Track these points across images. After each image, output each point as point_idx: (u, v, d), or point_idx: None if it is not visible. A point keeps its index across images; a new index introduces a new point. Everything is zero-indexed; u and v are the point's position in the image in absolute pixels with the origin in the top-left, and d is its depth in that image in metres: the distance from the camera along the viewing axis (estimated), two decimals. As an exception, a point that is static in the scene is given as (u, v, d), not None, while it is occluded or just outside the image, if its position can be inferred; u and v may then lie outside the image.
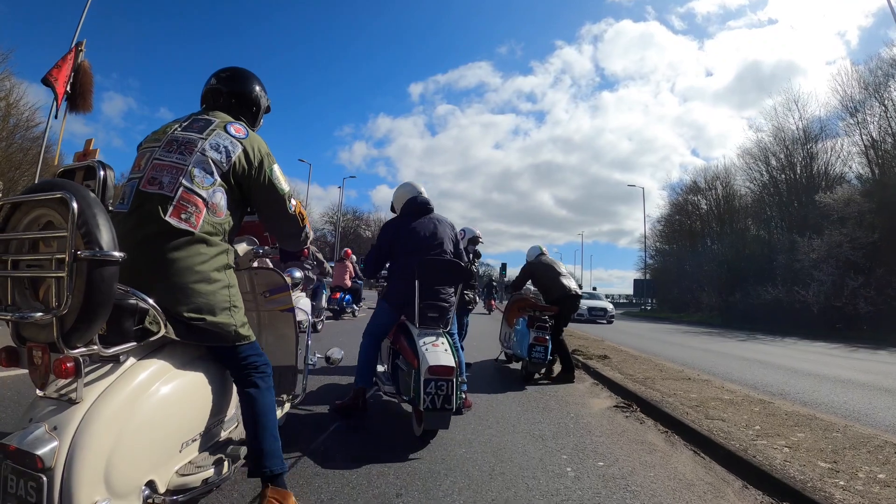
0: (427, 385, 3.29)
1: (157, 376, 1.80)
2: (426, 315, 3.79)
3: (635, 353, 9.80)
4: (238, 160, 2.12)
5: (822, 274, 25.42)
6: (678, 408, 4.83)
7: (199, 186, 2.01)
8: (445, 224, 4.26)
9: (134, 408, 1.66)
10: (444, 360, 3.38)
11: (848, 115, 31.11)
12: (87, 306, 1.47)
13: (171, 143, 2.06)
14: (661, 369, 7.47)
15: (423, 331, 3.70)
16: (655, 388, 5.76)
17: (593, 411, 4.91)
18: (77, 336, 1.50)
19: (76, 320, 1.47)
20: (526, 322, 6.25)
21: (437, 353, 3.46)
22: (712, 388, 6.09)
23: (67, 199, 1.43)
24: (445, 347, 3.57)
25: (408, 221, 4.14)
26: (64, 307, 1.43)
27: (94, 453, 1.49)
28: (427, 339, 3.60)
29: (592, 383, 6.46)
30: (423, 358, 3.41)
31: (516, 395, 5.45)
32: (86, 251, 1.45)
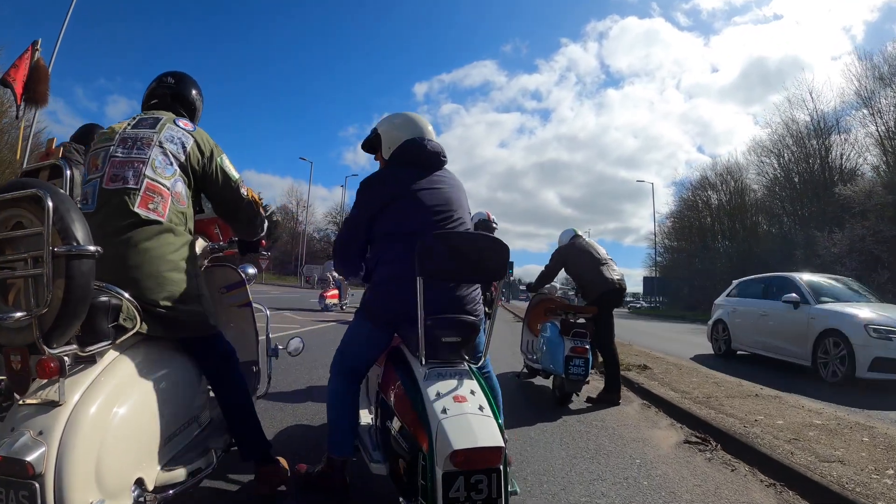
0: (450, 484, 1.72)
1: (135, 373, 1.79)
2: (439, 340, 2.10)
3: (674, 360, 8.50)
4: (192, 150, 2.18)
5: (845, 269, 24.29)
6: (774, 444, 3.61)
7: (162, 176, 2.06)
8: (461, 189, 2.54)
9: (117, 406, 1.64)
10: (483, 436, 1.75)
11: (862, 106, 30.53)
12: (67, 303, 1.45)
13: (126, 141, 2.09)
14: (717, 383, 6.19)
15: (432, 369, 2.04)
16: (726, 412, 4.51)
17: (662, 452, 3.63)
18: (58, 335, 1.48)
19: (56, 318, 1.45)
20: (557, 328, 4.93)
21: (466, 419, 1.81)
22: (792, 409, 4.86)
23: (42, 196, 1.41)
24: (480, 402, 1.90)
25: (405, 178, 2.39)
26: (44, 305, 1.41)
27: (84, 455, 1.46)
28: (442, 388, 1.94)
29: (643, 405, 5.18)
30: (438, 432, 1.78)
31: (552, 427, 4.14)
32: (62, 247, 1.43)
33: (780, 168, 35.74)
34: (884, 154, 28.88)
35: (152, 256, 1.95)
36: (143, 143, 2.08)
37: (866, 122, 30.35)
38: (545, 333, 5.17)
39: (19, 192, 1.47)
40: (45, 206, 1.39)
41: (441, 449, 1.73)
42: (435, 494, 1.72)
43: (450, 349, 2.12)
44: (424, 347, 2.04)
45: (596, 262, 5.31)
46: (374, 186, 2.41)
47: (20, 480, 1.36)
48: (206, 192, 2.35)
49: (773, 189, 36.62)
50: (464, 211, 2.47)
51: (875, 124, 29.58)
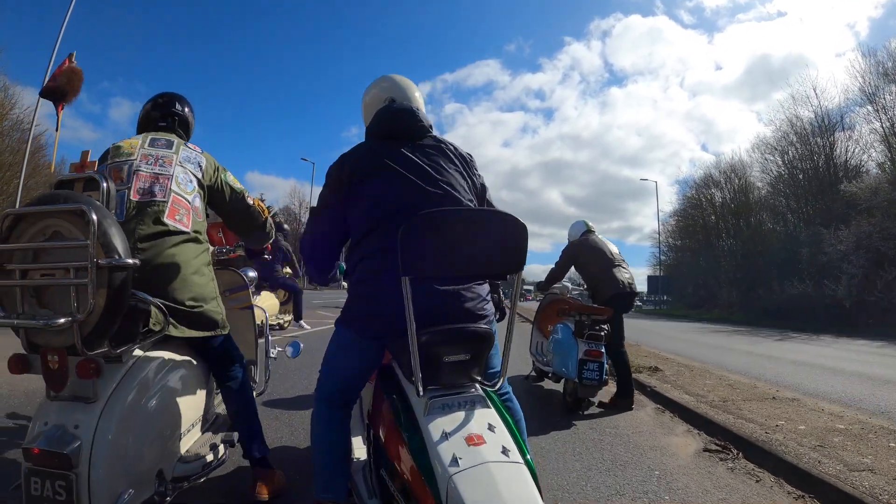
0: None
1: (156, 372, 1.92)
2: (440, 359, 1.56)
3: (685, 361, 8.29)
4: (206, 169, 2.42)
5: (852, 267, 24.07)
6: (799, 451, 3.44)
7: (185, 192, 2.26)
8: (457, 159, 1.99)
9: (142, 402, 1.78)
10: (513, 497, 1.23)
11: (866, 102, 30.26)
12: (108, 311, 1.57)
13: (148, 158, 2.24)
14: (731, 385, 5.98)
15: (434, 399, 1.50)
16: (745, 417, 4.33)
17: (682, 462, 3.44)
18: (97, 338, 1.59)
19: (97, 324, 1.56)
20: (570, 330, 4.70)
21: (487, 471, 1.28)
22: (812, 413, 4.68)
23: (87, 212, 1.50)
24: (503, 442, 1.38)
25: (379, 151, 1.91)
26: (86, 313, 1.50)
27: (114, 447, 1.59)
28: (448, 426, 1.42)
29: (657, 409, 4.98)
30: (449, 494, 1.26)
31: (565, 435, 3.94)
32: (105, 259, 1.54)
33: (784, 165, 35.45)
34: (889, 150, 28.59)
35: (179, 262, 2.15)
36: (165, 161, 2.27)
37: (871, 118, 30.07)
38: (557, 335, 4.95)
39: (65, 206, 1.58)
40: (90, 221, 1.51)
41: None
42: None
43: (455, 370, 1.59)
44: (422, 370, 1.50)
45: (609, 262, 5.09)
46: (343, 165, 1.93)
47: (57, 472, 1.50)
48: (215, 206, 2.53)
49: (777, 187, 36.30)
50: (459, 185, 1.91)
51: (880, 121, 29.31)
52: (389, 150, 1.89)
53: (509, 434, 1.43)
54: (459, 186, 1.91)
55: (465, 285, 1.75)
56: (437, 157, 1.91)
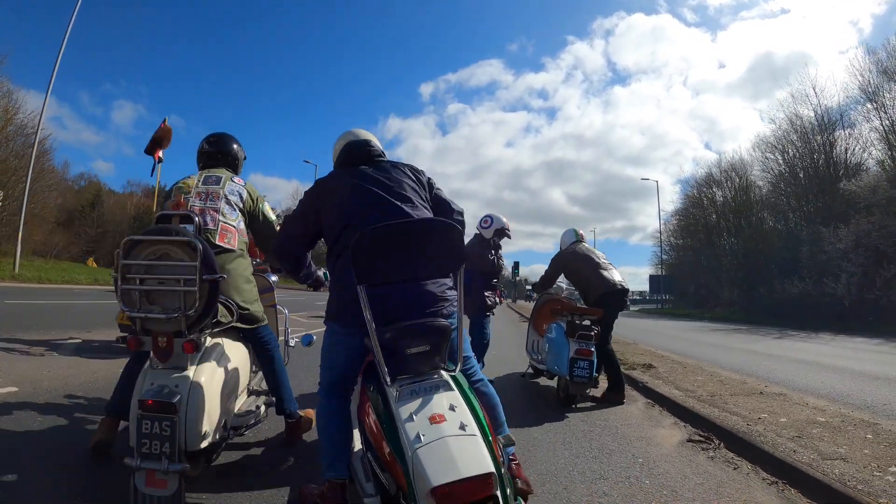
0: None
1: (223, 352, 2.66)
2: (404, 351, 1.82)
3: (680, 358, 8.50)
4: (246, 199, 3.10)
5: (851, 265, 24.17)
6: (776, 442, 3.63)
7: (230, 219, 2.96)
8: (407, 169, 2.46)
9: (216, 371, 2.50)
10: (467, 464, 1.47)
11: (866, 101, 30.30)
12: (206, 309, 2.26)
13: (200, 194, 2.96)
14: (722, 381, 6.19)
15: (403, 387, 1.75)
16: (730, 410, 4.53)
17: (665, 451, 3.65)
18: (197, 327, 2.28)
19: (198, 317, 2.24)
20: (563, 329, 4.94)
21: (444, 444, 1.52)
22: (796, 407, 4.87)
23: (196, 243, 2.19)
24: (462, 419, 1.62)
25: (340, 174, 2.41)
26: (192, 309, 2.19)
27: (201, 402, 2.28)
28: (415, 408, 1.66)
29: (647, 404, 5.19)
30: (414, 465, 1.50)
31: (556, 427, 4.17)
32: (207, 275, 2.20)
33: (784, 164, 35.49)
34: (889, 149, 28.66)
35: (234, 274, 2.86)
36: (213, 196, 2.97)
37: (871, 116, 30.16)
38: (550, 335, 5.20)
39: (178, 238, 2.23)
40: (198, 249, 2.17)
41: (420, 486, 1.46)
42: None
43: (420, 360, 1.82)
44: (389, 362, 1.79)
45: (595, 265, 5.34)
46: (316, 186, 2.43)
47: (164, 416, 2.10)
48: (249, 227, 3.14)
49: (778, 185, 36.35)
50: (413, 192, 2.34)
51: (880, 119, 29.39)
52: (353, 171, 2.37)
53: (469, 412, 1.65)
54: (412, 193, 2.34)
55: (422, 284, 2.06)
56: (392, 173, 2.36)
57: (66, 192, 47.89)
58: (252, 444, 3.28)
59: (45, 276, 21.09)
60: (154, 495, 2.11)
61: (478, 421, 1.64)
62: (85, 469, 2.73)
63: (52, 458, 2.81)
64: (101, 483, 2.57)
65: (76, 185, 62.25)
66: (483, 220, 5.57)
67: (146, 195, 75.54)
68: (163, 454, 2.09)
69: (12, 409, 3.55)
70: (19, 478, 2.52)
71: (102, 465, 2.72)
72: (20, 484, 2.47)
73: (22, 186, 22.28)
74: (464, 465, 1.45)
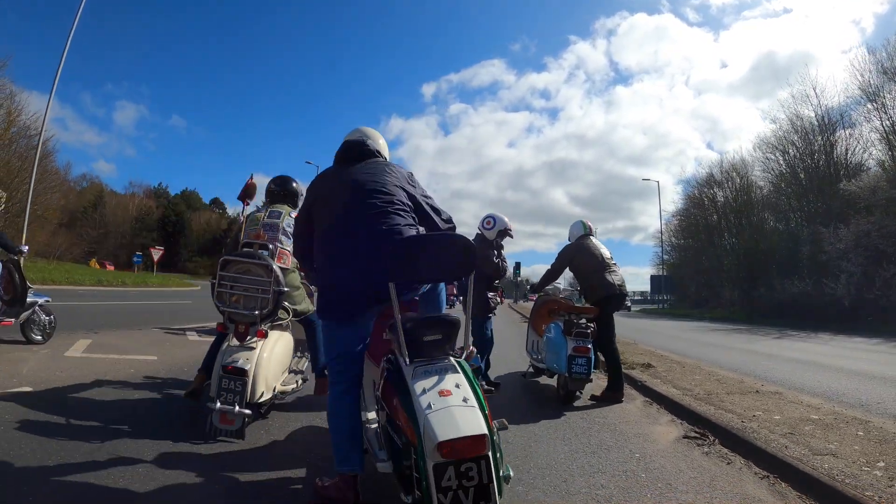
0: (441, 475, 1.82)
1: (278, 337, 3.89)
2: (421, 339, 2.23)
3: (678, 358, 8.63)
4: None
5: (850, 265, 24.22)
6: (769, 438, 3.75)
7: (286, 245, 4.09)
8: (390, 173, 2.63)
9: (274, 351, 3.71)
10: (467, 426, 1.86)
11: (867, 101, 30.28)
12: (274, 309, 3.54)
13: (266, 226, 4.16)
14: (719, 380, 6.31)
15: (418, 367, 2.14)
16: (725, 408, 4.65)
17: (661, 447, 3.77)
18: (268, 320, 3.57)
19: (268, 315, 3.51)
20: (560, 329, 5.07)
21: (450, 412, 1.91)
22: (790, 405, 4.99)
23: (272, 265, 3.52)
24: (465, 394, 2.00)
25: (332, 172, 2.69)
26: (265, 309, 3.47)
27: (263, 370, 3.45)
28: (427, 384, 2.04)
29: (645, 402, 5.32)
30: (424, 427, 1.88)
31: (556, 424, 4.30)
32: (276, 287, 3.49)
33: (785, 164, 35.48)
34: (889, 149, 28.64)
35: (289, 285, 3.87)
36: (275, 228, 4.15)
37: (871, 116, 30.10)
38: (549, 334, 5.34)
39: (259, 262, 3.52)
40: (273, 270, 3.49)
41: (429, 442, 1.83)
42: (429, 486, 1.83)
43: (433, 346, 2.23)
44: (408, 347, 2.19)
45: (601, 265, 5.44)
46: (310, 188, 2.76)
47: (239, 377, 3.23)
48: None
49: (778, 185, 36.34)
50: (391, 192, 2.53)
51: (880, 119, 29.32)
52: (341, 172, 2.63)
53: (471, 390, 2.03)
54: (396, 191, 2.55)
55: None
56: (378, 172, 2.58)
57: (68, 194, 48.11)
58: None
59: (49, 277, 21.21)
60: (225, 429, 3.23)
61: (477, 398, 2.01)
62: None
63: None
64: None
65: (78, 186, 62.65)
66: (485, 220, 5.64)
67: (147, 196, 76.17)
68: (234, 402, 3.16)
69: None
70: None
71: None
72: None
73: (25, 188, 22.41)
74: (464, 427, 1.84)
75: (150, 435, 3.32)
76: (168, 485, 2.59)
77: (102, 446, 3.06)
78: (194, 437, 3.32)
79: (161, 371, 5.39)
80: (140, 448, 3.07)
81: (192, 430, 3.46)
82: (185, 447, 3.18)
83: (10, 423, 3.30)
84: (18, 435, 3.13)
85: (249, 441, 3.37)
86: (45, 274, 21.90)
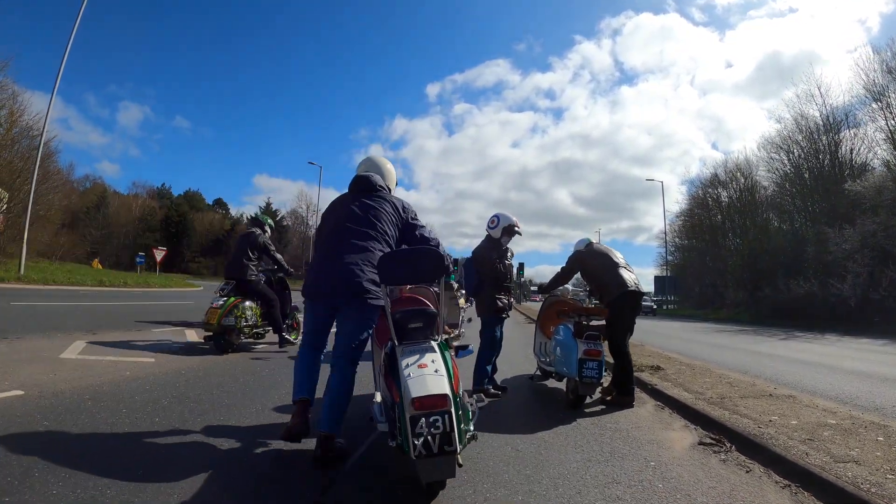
0: (415, 424, 2.40)
1: None
2: (407, 327, 2.93)
3: (687, 360, 8.48)
4: None
5: (856, 265, 24.09)
6: (788, 444, 3.61)
7: None
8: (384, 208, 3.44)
9: None
10: (433, 387, 2.49)
11: (872, 100, 30.18)
12: None
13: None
14: (731, 383, 6.17)
15: (406, 347, 2.82)
16: (740, 413, 4.51)
17: (677, 454, 3.63)
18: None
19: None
20: (570, 331, 4.92)
21: (423, 377, 2.55)
22: (806, 409, 4.86)
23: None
24: (437, 367, 2.63)
25: (340, 198, 3.59)
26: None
27: None
28: (411, 360, 2.68)
29: (656, 406, 5.17)
30: (404, 388, 2.53)
31: (567, 430, 4.14)
32: None
33: (790, 164, 35.42)
34: (894, 149, 28.54)
35: None
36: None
37: (876, 116, 30.13)
38: (558, 336, 5.18)
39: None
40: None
41: (406, 399, 2.46)
42: (406, 432, 2.42)
43: (416, 332, 2.93)
44: (397, 333, 2.90)
45: (614, 264, 5.33)
46: (328, 206, 3.63)
47: None
48: None
49: (783, 185, 36.28)
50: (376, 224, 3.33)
51: (885, 119, 29.31)
52: (347, 200, 3.47)
53: (442, 365, 2.66)
54: (385, 220, 3.38)
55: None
56: (373, 205, 3.40)
57: (70, 194, 48.06)
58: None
59: (50, 277, 21.13)
60: None
61: (447, 370, 2.64)
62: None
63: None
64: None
65: (81, 186, 62.81)
66: (490, 220, 5.51)
67: (150, 197, 76.21)
68: None
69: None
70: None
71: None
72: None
73: (28, 188, 22.38)
74: (431, 388, 2.48)
75: (143, 440, 3.21)
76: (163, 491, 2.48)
77: (90, 451, 2.94)
78: (188, 444, 3.20)
79: (158, 373, 5.23)
80: (132, 454, 2.95)
81: (185, 436, 3.34)
82: (181, 451, 3.05)
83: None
84: (3, 440, 3.01)
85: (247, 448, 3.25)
86: (46, 274, 21.79)
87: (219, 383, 5.01)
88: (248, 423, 3.78)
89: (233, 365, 6.04)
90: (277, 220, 65.77)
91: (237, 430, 3.57)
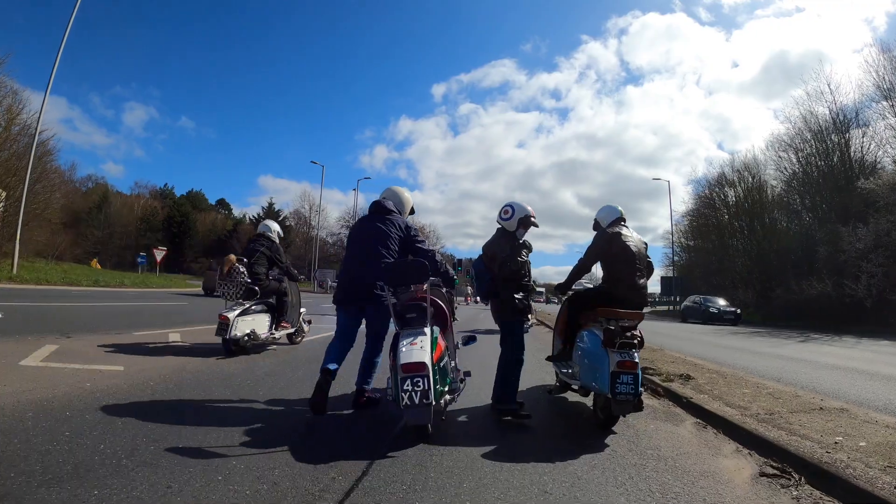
0: (403, 383, 3.34)
1: None
2: (406, 316, 3.92)
3: (716, 366, 7.79)
4: None
5: (871, 265, 23.41)
6: (868, 475, 3.02)
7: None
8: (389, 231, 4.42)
9: None
10: (416, 357, 3.41)
11: (881, 98, 29.64)
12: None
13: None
14: (772, 394, 5.50)
15: (404, 331, 3.83)
16: (797, 432, 3.89)
17: (740, 492, 2.97)
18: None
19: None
20: (598, 338, 4.19)
21: (411, 350, 3.50)
22: (866, 425, 4.29)
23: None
24: (423, 345, 3.56)
25: (363, 222, 4.66)
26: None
27: None
28: (406, 340, 3.65)
29: (696, 424, 4.50)
30: (398, 358, 3.50)
31: (601, 459, 3.42)
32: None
33: (798, 163, 34.69)
34: (905, 147, 27.96)
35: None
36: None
37: (886, 114, 29.57)
38: (583, 344, 4.48)
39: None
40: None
41: (398, 365, 3.42)
42: (397, 389, 3.37)
43: (413, 320, 3.87)
44: (398, 320, 3.96)
45: (633, 272, 4.54)
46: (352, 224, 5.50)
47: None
48: None
49: (791, 185, 35.58)
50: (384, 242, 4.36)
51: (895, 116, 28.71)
52: (366, 221, 4.61)
53: (428, 344, 3.59)
54: (392, 238, 4.39)
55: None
56: (385, 225, 4.45)
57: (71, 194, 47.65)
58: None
59: (44, 277, 20.59)
60: None
61: (431, 348, 3.59)
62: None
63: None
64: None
65: (83, 186, 62.46)
66: (503, 210, 4.65)
67: (153, 197, 75.70)
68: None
69: None
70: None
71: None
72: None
73: (21, 187, 21.83)
74: (415, 357, 3.42)
75: (74, 478, 2.55)
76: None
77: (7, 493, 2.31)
78: (126, 486, 2.50)
79: (123, 386, 4.60)
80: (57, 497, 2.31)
81: (125, 477, 2.61)
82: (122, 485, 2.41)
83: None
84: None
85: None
86: (40, 274, 21.26)
87: (191, 398, 4.39)
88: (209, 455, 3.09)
89: (209, 375, 5.36)
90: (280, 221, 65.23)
91: (192, 468, 2.83)
